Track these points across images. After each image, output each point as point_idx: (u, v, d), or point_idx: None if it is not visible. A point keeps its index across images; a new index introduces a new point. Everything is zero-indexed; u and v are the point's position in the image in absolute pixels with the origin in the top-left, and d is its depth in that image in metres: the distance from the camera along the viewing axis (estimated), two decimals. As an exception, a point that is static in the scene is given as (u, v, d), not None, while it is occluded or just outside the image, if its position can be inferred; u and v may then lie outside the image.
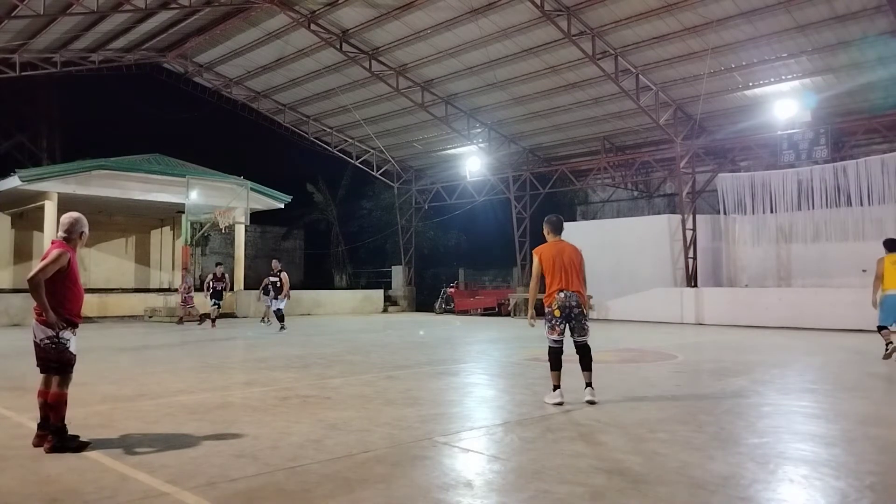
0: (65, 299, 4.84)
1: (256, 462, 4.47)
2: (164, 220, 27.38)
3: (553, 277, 6.53)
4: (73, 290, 4.91)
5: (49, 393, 4.83)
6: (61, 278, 4.80)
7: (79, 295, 4.98)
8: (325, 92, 23.44)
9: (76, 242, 5.01)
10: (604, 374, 8.85)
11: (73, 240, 4.98)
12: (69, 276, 4.85)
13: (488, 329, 17.96)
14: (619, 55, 17.77)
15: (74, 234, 4.99)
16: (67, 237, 4.95)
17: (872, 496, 3.87)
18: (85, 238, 5.09)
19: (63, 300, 4.82)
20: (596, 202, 27.55)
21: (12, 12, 16.78)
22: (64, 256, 4.79)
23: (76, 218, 5.04)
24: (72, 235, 4.98)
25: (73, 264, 4.90)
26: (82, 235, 5.04)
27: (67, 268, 4.83)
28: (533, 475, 4.21)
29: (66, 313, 4.84)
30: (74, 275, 4.92)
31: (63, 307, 4.82)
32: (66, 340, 4.83)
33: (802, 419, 6.06)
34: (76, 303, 4.95)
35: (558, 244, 6.74)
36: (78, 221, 5.02)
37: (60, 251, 4.80)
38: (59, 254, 4.77)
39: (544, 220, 6.99)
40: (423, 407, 6.48)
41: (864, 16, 14.89)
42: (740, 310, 18.24)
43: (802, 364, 10.29)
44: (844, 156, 18.07)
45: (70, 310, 4.89)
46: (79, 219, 5.05)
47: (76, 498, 3.76)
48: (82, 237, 5.05)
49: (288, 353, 11.19)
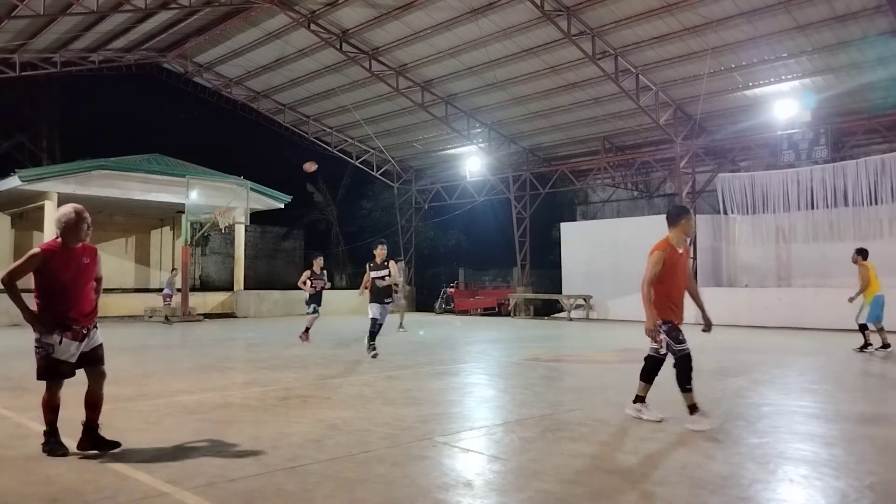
0: (49, 300, 4.59)
1: (256, 462, 4.47)
2: (164, 220, 27.38)
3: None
4: (59, 290, 4.60)
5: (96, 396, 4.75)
6: (46, 279, 4.58)
7: (68, 296, 4.62)
8: (325, 92, 23.43)
9: (71, 239, 4.68)
10: (604, 374, 8.85)
11: (67, 236, 4.68)
12: (49, 276, 4.57)
13: (488, 329, 17.97)
14: (619, 55, 17.77)
15: (68, 230, 4.67)
16: (60, 233, 4.69)
17: (872, 496, 3.87)
18: (84, 233, 4.72)
19: (46, 301, 4.60)
20: (596, 202, 27.54)
21: (12, 12, 16.77)
22: (35, 258, 4.56)
23: (67, 212, 4.69)
24: (65, 232, 4.68)
25: (56, 264, 4.59)
26: (80, 230, 4.69)
27: (46, 268, 4.56)
28: (533, 475, 4.21)
29: (50, 315, 4.58)
30: (57, 274, 4.59)
31: (47, 308, 4.59)
32: (49, 346, 4.56)
33: (802, 419, 6.06)
34: (62, 303, 4.61)
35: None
36: (69, 216, 4.67)
37: (31, 253, 4.61)
38: (28, 256, 4.60)
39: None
40: (423, 407, 6.48)
41: (864, 16, 14.89)
42: (740, 310, 18.22)
43: (802, 364, 10.29)
44: (844, 156, 18.07)
45: (55, 311, 4.59)
46: (71, 213, 4.68)
47: (76, 498, 3.76)
48: (81, 232, 4.69)
49: (288, 353, 11.19)
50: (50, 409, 4.66)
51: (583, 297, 21.57)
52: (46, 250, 4.64)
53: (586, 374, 8.85)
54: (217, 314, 22.73)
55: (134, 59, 22.37)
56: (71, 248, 4.69)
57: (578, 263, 23.12)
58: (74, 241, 4.71)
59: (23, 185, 19.62)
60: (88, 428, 4.69)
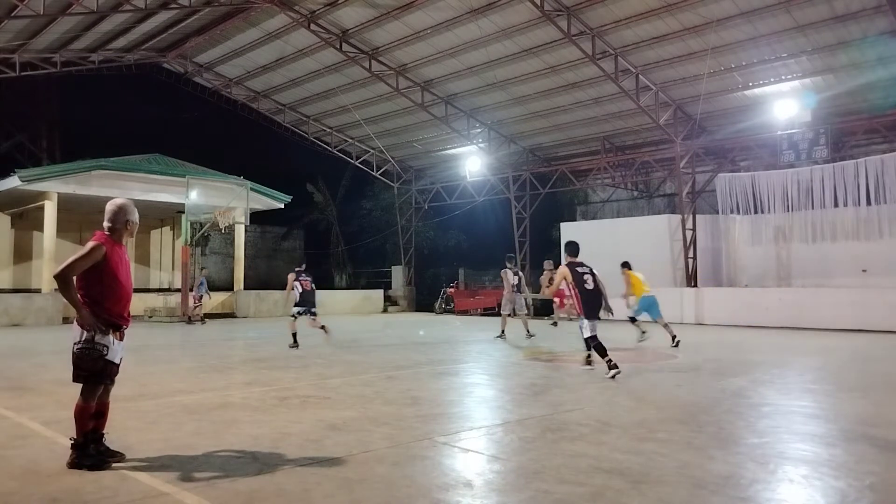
0: (103, 298, 4.33)
1: (256, 462, 4.47)
2: (164, 220, 27.38)
3: None
4: (115, 287, 4.38)
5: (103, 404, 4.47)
6: (98, 274, 4.30)
7: (122, 293, 4.44)
8: (325, 92, 23.43)
9: (121, 234, 4.50)
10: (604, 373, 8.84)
11: (117, 230, 4.47)
12: (107, 272, 4.33)
13: (488, 329, 17.96)
14: (619, 55, 17.77)
15: (119, 223, 4.48)
16: (111, 227, 4.46)
17: (872, 496, 3.87)
18: (133, 228, 4.55)
19: (101, 299, 4.33)
20: (596, 202, 27.55)
21: (12, 12, 16.78)
22: (98, 250, 4.28)
23: (119, 206, 4.50)
24: (116, 225, 4.47)
25: (114, 258, 4.38)
26: (129, 225, 4.51)
27: (104, 262, 4.31)
28: (533, 475, 4.21)
29: (105, 314, 4.34)
30: (115, 270, 4.38)
31: (102, 307, 4.33)
32: (103, 347, 4.32)
33: (802, 419, 6.06)
34: (118, 302, 4.41)
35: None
36: (122, 209, 4.49)
37: (94, 244, 4.31)
38: (92, 247, 4.28)
39: None
40: (423, 407, 6.47)
41: (864, 16, 14.89)
42: (740, 310, 18.22)
43: (802, 364, 10.29)
44: (844, 156, 18.06)
45: (111, 310, 4.37)
46: (123, 206, 4.51)
47: (76, 498, 3.76)
48: (129, 227, 4.52)
49: (288, 353, 11.19)
50: (89, 416, 4.36)
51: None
52: (107, 243, 4.38)
53: (586, 374, 8.85)
54: (217, 314, 22.73)
55: (134, 59, 22.37)
56: (119, 244, 4.52)
57: (578, 263, 23.08)
58: (122, 237, 4.54)
59: (23, 185, 19.62)
60: (94, 438, 4.41)
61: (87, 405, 4.35)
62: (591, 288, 8.50)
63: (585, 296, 8.45)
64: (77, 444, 4.32)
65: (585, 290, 8.45)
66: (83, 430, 4.33)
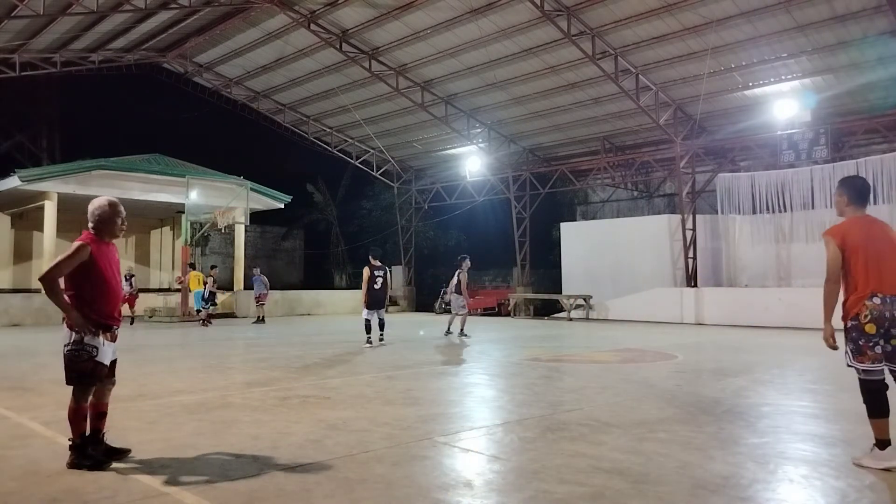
0: (93, 299, 4.28)
1: (256, 462, 4.47)
2: (164, 220, 27.40)
3: (862, 272, 4.49)
4: (103, 287, 4.33)
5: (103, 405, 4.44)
6: (86, 274, 4.24)
7: (111, 293, 4.39)
8: (325, 92, 23.43)
9: (107, 232, 4.41)
10: (603, 374, 8.85)
11: (101, 229, 4.39)
12: (95, 272, 4.27)
13: (488, 329, 17.97)
14: (619, 55, 17.77)
15: (102, 222, 4.39)
16: (95, 226, 4.38)
17: (872, 496, 3.87)
18: (119, 227, 4.45)
19: (90, 300, 4.27)
20: (596, 202, 27.56)
21: (12, 12, 16.78)
22: (83, 250, 4.21)
23: (100, 204, 4.41)
24: (99, 224, 4.38)
25: (101, 257, 4.31)
26: (115, 224, 4.42)
27: (91, 262, 4.24)
28: (533, 475, 4.21)
29: (95, 315, 4.28)
30: (103, 269, 4.31)
31: (91, 308, 4.27)
32: (92, 348, 4.26)
33: (802, 419, 6.06)
34: (108, 302, 4.37)
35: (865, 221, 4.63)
36: (104, 207, 4.39)
37: (79, 244, 4.24)
38: (76, 247, 4.22)
39: (841, 184, 4.68)
40: (423, 407, 6.47)
41: (864, 16, 14.90)
42: (740, 310, 18.23)
43: (802, 364, 10.28)
44: (844, 156, 18.07)
45: (100, 311, 4.32)
46: (105, 205, 4.41)
47: (76, 498, 3.76)
48: (115, 226, 4.43)
49: (288, 353, 11.19)
50: (82, 417, 4.33)
51: (583, 297, 21.56)
52: (92, 242, 4.31)
53: (586, 374, 8.85)
54: (217, 314, 22.70)
55: (134, 59, 22.37)
56: (107, 243, 4.45)
57: (578, 263, 23.13)
58: (109, 236, 4.46)
59: (23, 185, 19.64)
60: (95, 438, 4.41)
61: (79, 406, 4.32)
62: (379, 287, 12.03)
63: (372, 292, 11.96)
64: (75, 446, 4.33)
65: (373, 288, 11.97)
66: (79, 431, 4.33)
